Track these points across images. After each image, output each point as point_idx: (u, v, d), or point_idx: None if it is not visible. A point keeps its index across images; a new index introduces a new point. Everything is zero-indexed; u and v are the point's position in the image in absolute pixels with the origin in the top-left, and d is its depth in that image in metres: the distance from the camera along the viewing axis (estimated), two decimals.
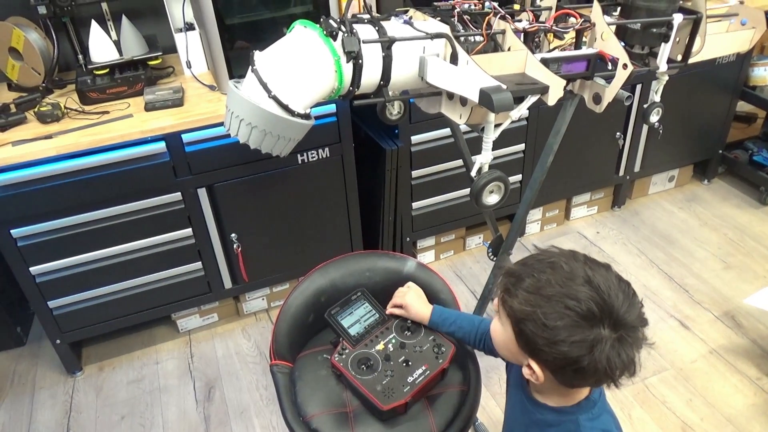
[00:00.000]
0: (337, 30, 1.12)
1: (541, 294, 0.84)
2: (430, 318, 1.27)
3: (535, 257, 0.91)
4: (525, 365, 0.90)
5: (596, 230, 2.68)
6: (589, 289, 0.82)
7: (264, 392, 2.00)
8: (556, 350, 0.82)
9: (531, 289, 0.85)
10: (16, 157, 1.60)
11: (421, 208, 2.29)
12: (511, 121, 1.24)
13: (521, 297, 0.85)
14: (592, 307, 0.81)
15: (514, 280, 0.88)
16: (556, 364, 0.84)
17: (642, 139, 2.56)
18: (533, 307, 0.83)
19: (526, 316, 0.84)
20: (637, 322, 0.83)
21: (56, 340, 1.98)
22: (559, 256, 0.89)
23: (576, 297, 0.82)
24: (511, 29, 1.28)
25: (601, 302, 0.81)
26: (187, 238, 1.95)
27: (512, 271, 0.90)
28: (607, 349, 0.81)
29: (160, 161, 1.77)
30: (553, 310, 0.82)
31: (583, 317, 0.81)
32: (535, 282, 0.85)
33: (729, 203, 2.79)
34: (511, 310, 0.87)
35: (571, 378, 0.87)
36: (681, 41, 1.41)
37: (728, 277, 2.36)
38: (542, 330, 0.82)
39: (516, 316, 0.86)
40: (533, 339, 0.84)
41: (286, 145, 1.22)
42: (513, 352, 0.91)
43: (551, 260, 0.88)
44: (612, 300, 0.82)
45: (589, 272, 0.84)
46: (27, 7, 1.80)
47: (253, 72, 1.17)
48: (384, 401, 1.13)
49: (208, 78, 1.95)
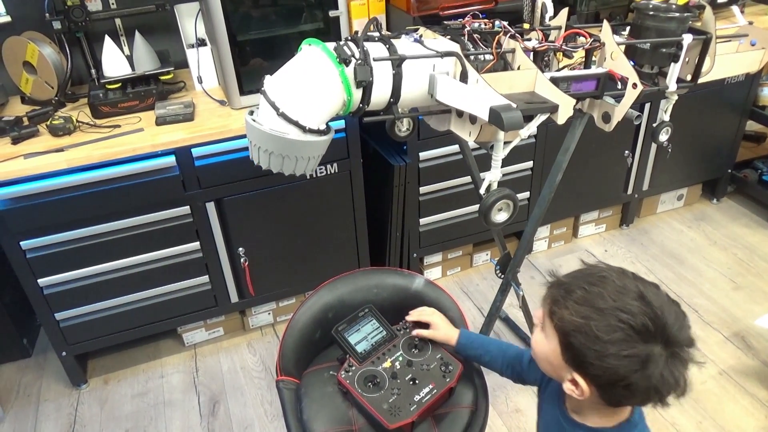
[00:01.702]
0: (350, 58, 1.13)
1: (593, 306, 0.82)
2: (458, 340, 1.25)
3: (584, 271, 0.89)
4: (567, 380, 0.87)
5: (604, 248, 2.66)
6: (643, 304, 0.81)
7: (269, 408, 1.99)
8: (606, 364, 0.80)
9: (582, 300, 0.83)
10: (27, 169, 1.62)
11: (429, 224, 2.29)
12: (520, 140, 1.25)
13: (572, 308, 0.83)
14: (646, 322, 0.79)
15: (563, 291, 0.86)
16: (604, 380, 0.82)
17: (650, 157, 2.56)
18: (585, 319, 0.82)
19: (577, 327, 0.82)
20: (688, 341, 0.82)
21: (62, 352, 1.98)
22: (609, 270, 0.87)
23: (629, 311, 0.80)
24: (520, 48, 1.28)
25: (654, 318, 0.80)
26: (195, 252, 1.96)
27: (561, 283, 0.88)
28: (660, 366, 0.79)
29: (170, 175, 1.78)
30: (606, 322, 0.80)
31: (637, 332, 0.79)
32: (586, 294, 0.83)
33: (738, 223, 2.77)
34: (560, 321, 0.85)
35: (619, 395, 0.84)
36: (690, 61, 1.42)
37: (738, 298, 2.34)
38: (593, 342, 0.81)
39: (565, 327, 0.84)
40: (582, 352, 0.82)
41: (308, 164, 1.23)
42: (555, 365, 0.89)
43: (602, 274, 0.86)
44: (665, 316, 0.80)
45: (642, 288, 0.83)
46: (42, 22, 1.83)
47: (261, 93, 1.18)
48: (390, 420, 1.12)
49: (219, 93, 1.96)
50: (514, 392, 1.98)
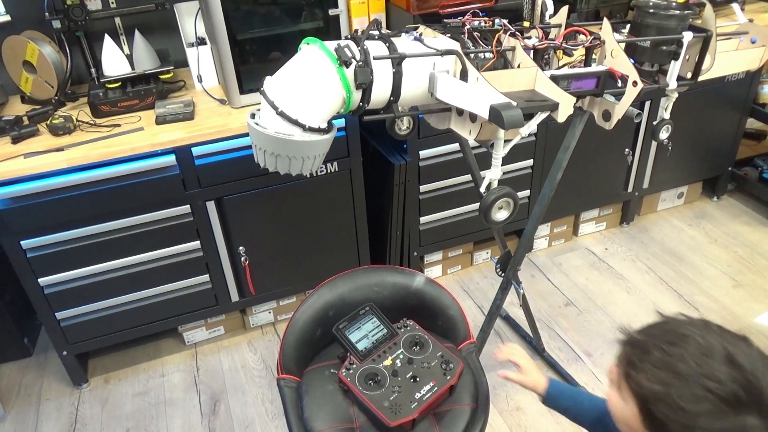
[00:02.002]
0: (351, 60, 1.13)
1: (675, 371, 0.74)
2: (547, 390, 1.17)
3: (662, 326, 0.81)
4: None
5: (605, 246, 2.66)
6: (732, 369, 0.72)
7: (270, 406, 1.99)
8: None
9: (661, 364, 0.75)
10: (27, 168, 1.62)
11: (429, 222, 2.29)
12: (520, 138, 1.25)
13: (650, 373, 0.76)
14: (737, 390, 0.71)
15: (639, 351, 0.79)
16: None
17: (651, 155, 2.56)
18: (665, 386, 0.74)
19: (657, 396, 0.75)
20: None
21: (63, 352, 1.98)
22: (690, 326, 0.79)
23: (717, 378, 0.72)
24: (520, 46, 1.28)
25: (746, 385, 0.71)
26: (195, 251, 1.96)
27: (636, 342, 0.81)
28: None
29: (170, 174, 1.78)
30: (689, 391, 0.72)
31: (727, 402, 0.71)
32: (665, 356, 0.76)
33: (739, 220, 2.77)
34: (637, 386, 0.78)
35: None
36: (691, 59, 1.42)
37: (738, 296, 2.34)
38: (677, 414, 0.73)
39: (644, 394, 0.77)
40: (665, 423, 0.74)
41: (314, 162, 1.23)
42: (635, 430, 0.81)
43: (682, 331, 0.78)
44: (759, 382, 0.71)
45: (730, 348, 0.74)
46: (42, 22, 1.83)
47: (261, 93, 1.18)
48: (391, 417, 1.12)
49: (219, 92, 1.96)
50: (515, 391, 1.98)
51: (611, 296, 2.37)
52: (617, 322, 2.24)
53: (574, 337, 2.19)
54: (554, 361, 2.07)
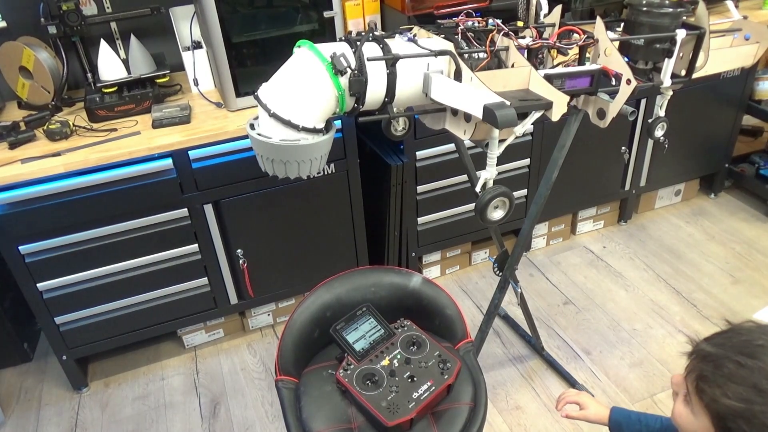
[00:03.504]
0: (346, 69, 1.13)
1: (755, 387, 0.70)
2: (611, 417, 1.15)
3: (734, 336, 0.77)
4: None
5: (602, 245, 2.67)
6: None
7: (269, 408, 1.99)
8: None
9: (739, 379, 0.72)
10: (25, 174, 1.62)
11: (427, 223, 2.30)
12: (515, 137, 1.25)
13: (727, 389, 0.72)
14: None
15: (712, 366, 0.75)
16: None
17: (647, 153, 2.56)
18: (746, 403, 0.70)
19: (737, 413, 0.71)
20: None
21: (62, 356, 1.99)
22: (764, 334, 0.74)
23: None
24: (514, 46, 1.29)
25: None
26: (194, 254, 1.96)
27: (708, 355, 0.77)
28: None
29: (167, 178, 1.78)
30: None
31: None
32: (742, 370, 0.72)
33: (736, 217, 2.77)
34: (713, 402, 0.74)
35: None
36: (684, 56, 1.42)
37: (736, 292, 2.34)
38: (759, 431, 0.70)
39: (721, 411, 0.73)
40: None
41: (312, 165, 1.23)
42: None
43: (758, 342, 0.73)
44: None
45: None
46: (37, 27, 1.84)
47: (255, 98, 1.19)
48: (389, 417, 1.13)
49: (215, 95, 1.97)
50: (514, 389, 1.99)
51: (610, 294, 2.37)
52: (616, 320, 2.24)
53: (572, 335, 2.19)
54: (553, 359, 2.07)
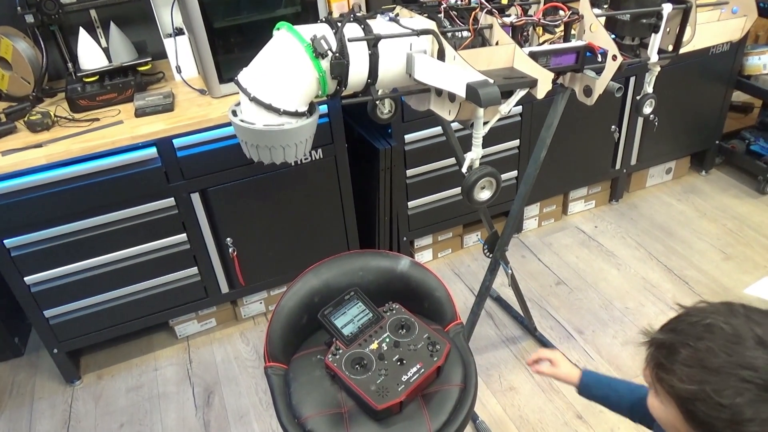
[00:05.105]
0: (326, 51, 1.11)
1: (706, 367, 0.71)
2: (581, 379, 1.15)
3: (685, 319, 0.78)
4: None
5: (594, 224, 2.66)
6: (765, 352, 0.70)
7: (263, 396, 1.99)
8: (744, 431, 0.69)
9: (691, 362, 0.73)
10: (6, 166, 1.59)
11: (417, 207, 2.28)
12: (500, 117, 1.23)
13: (681, 373, 0.73)
14: None
15: (665, 352, 0.76)
16: None
17: (637, 131, 2.55)
18: (699, 384, 0.71)
19: (693, 395, 0.72)
20: None
21: (53, 350, 1.97)
22: (714, 314, 0.75)
23: (752, 365, 0.69)
24: (498, 23, 1.27)
25: None
26: (182, 244, 1.94)
27: (661, 342, 0.78)
28: None
29: (152, 167, 1.76)
30: (726, 384, 0.69)
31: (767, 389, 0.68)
32: (693, 352, 0.73)
33: (727, 194, 2.77)
34: (671, 389, 0.75)
35: None
36: (671, 31, 1.40)
37: (728, 268, 2.35)
38: (718, 410, 0.70)
39: (680, 395, 0.74)
40: (709, 421, 0.71)
41: (297, 149, 1.21)
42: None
43: (706, 321, 0.74)
44: None
45: (758, 330, 0.71)
46: (14, 17, 1.80)
47: (235, 83, 1.17)
48: (378, 401, 1.12)
49: (199, 82, 1.94)
50: (508, 370, 1.99)
51: (602, 274, 2.37)
52: (608, 299, 2.25)
53: (565, 315, 2.19)
54: (546, 339, 2.07)
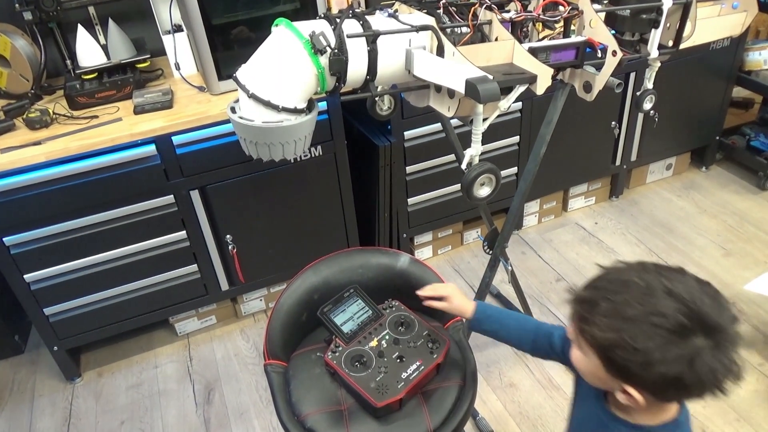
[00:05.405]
0: (325, 48, 1.11)
1: (623, 316, 0.79)
2: (473, 314, 1.18)
3: (604, 278, 0.85)
4: (619, 391, 0.84)
5: (594, 221, 2.66)
6: (673, 301, 0.77)
7: (264, 393, 1.99)
8: (653, 372, 0.77)
9: (609, 313, 0.80)
10: (5, 164, 1.59)
11: (417, 203, 2.28)
12: (499, 113, 1.23)
13: (601, 324, 0.80)
14: (681, 319, 0.76)
15: (587, 306, 0.83)
16: (655, 386, 0.80)
17: (638, 127, 2.55)
18: (617, 332, 0.79)
19: (611, 342, 0.79)
20: (729, 321, 0.79)
21: (54, 347, 1.97)
22: (628, 271, 0.83)
23: (661, 312, 0.77)
24: (497, 19, 1.26)
25: (688, 312, 0.76)
26: (182, 241, 1.94)
27: (583, 297, 0.85)
28: (707, 359, 0.76)
29: (151, 164, 1.75)
30: (639, 331, 0.77)
31: (674, 332, 0.76)
32: (611, 305, 0.80)
33: (727, 189, 2.77)
34: (592, 339, 0.82)
35: (674, 395, 0.84)
36: (672, 26, 1.40)
37: (728, 264, 2.34)
38: (633, 354, 0.78)
39: (600, 344, 0.81)
40: (625, 365, 0.79)
41: (296, 146, 1.21)
42: (603, 379, 0.86)
43: (623, 278, 0.82)
44: (699, 306, 0.77)
45: (667, 282, 0.79)
46: (13, 14, 1.79)
47: (234, 79, 1.16)
48: (378, 398, 1.12)
49: (198, 79, 1.93)
50: (508, 367, 1.99)
51: None
52: None
53: (565, 312, 2.17)
54: None
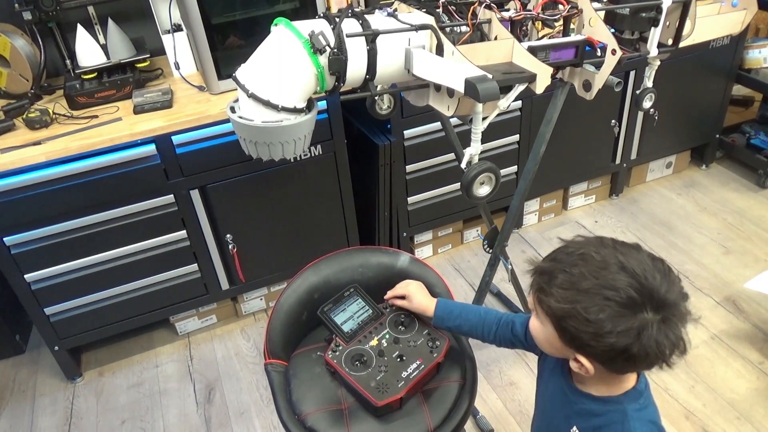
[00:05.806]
0: (324, 47, 1.11)
1: (577, 289, 0.82)
2: (435, 311, 1.22)
3: (564, 251, 0.89)
4: (572, 359, 0.89)
5: (594, 219, 2.66)
6: (625, 276, 0.81)
7: (264, 392, 1.99)
8: (603, 343, 0.81)
9: (566, 285, 0.84)
10: (5, 164, 1.59)
11: (417, 202, 2.28)
12: (499, 112, 1.23)
13: (557, 295, 0.84)
14: (632, 293, 0.80)
15: (546, 278, 0.87)
16: (605, 356, 0.84)
17: (638, 126, 2.54)
18: (571, 303, 0.82)
19: (566, 313, 0.83)
20: (679, 298, 0.82)
21: (54, 347, 1.98)
22: (587, 245, 0.87)
23: (613, 286, 0.81)
24: (497, 18, 1.26)
25: (639, 287, 0.80)
26: (182, 241, 1.94)
27: (543, 269, 0.89)
28: (654, 333, 0.80)
29: (151, 164, 1.75)
30: (592, 303, 0.81)
31: (625, 305, 0.80)
32: (568, 277, 0.84)
33: (727, 188, 2.77)
34: (549, 309, 0.86)
35: (622, 366, 0.87)
36: (671, 25, 1.40)
37: (728, 262, 2.35)
38: (585, 325, 0.81)
39: (555, 314, 0.85)
40: (578, 335, 0.83)
41: (296, 145, 1.21)
42: (558, 348, 0.90)
43: (581, 252, 0.86)
44: (650, 282, 0.81)
45: (621, 258, 0.83)
46: (12, 14, 1.79)
47: (233, 79, 1.16)
48: (378, 397, 1.12)
49: (197, 79, 1.93)
50: (508, 365, 1.99)
51: None
52: None
53: None
54: None
